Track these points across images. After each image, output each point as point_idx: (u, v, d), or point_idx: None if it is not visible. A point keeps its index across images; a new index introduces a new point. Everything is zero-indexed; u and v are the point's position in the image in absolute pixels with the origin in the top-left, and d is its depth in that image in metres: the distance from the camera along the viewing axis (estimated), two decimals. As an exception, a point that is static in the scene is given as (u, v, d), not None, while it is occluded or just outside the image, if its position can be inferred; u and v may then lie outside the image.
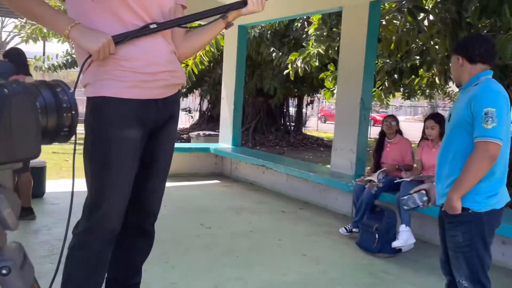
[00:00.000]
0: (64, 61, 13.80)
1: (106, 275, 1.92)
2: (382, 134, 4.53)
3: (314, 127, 20.72)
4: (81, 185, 1.74)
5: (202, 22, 2.81)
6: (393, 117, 4.52)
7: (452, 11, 4.88)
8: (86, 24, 1.53)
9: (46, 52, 16.15)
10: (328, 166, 6.00)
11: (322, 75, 7.50)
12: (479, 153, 1.98)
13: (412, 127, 13.89)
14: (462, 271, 2.08)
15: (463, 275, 2.07)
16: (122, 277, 2.00)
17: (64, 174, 6.68)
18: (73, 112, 0.65)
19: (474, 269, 2.05)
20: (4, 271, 0.64)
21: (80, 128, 1.16)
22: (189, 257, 3.51)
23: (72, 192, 1.45)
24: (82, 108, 1.73)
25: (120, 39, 1.52)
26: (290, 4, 5.99)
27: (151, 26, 1.57)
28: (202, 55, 8.55)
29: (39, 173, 5.07)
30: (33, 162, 5.13)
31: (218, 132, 7.97)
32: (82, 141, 1.74)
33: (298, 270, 3.38)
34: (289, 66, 8.36)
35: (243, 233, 4.25)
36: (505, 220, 3.42)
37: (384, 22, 5.90)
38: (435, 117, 4.00)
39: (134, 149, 1.71)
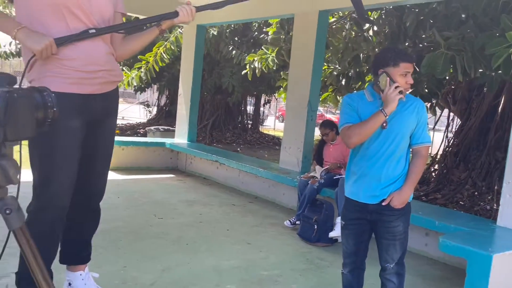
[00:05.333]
0: (18, 49, 13.52)
1: (59, 248, 2.16)
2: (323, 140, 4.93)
3: (272, 125, 21.15)
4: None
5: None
6: (326, 125, 4.84)
7: (392, 24, 5.33)
8: (37, 26, 1.76)
9: (-3, 39, 15.72)
10: (274, 163, 6.35)
11: (279, 82, 7.87)
12: (426, 155, 2.37)
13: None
14: (395, 256, 2.37)
15: (395, 259, 2.38)
16: (74, 250, 2.25)
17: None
18: (55, 109, 0.92)
19: (404, 251, 2.41)
20: (7, 211, 0.91)
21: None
22: (141, 244, 3.73)
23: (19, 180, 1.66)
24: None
25: (62, 41, 1.75)
26: (248, 8, 6.26)
27: (90, 31, 1.82)
28: (163, 53, 8.71)
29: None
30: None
31: (175, 127, 8.16)
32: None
33: (241, 256, 3.68)
34: (247, 67, 8.67)
35: (193, 223, 4.50)
36: (428, 214, 3.88)
37: (332, 30, 6.31)
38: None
39: (75, 137, 1.98)
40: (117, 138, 7.30)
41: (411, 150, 2.40)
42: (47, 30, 1.76)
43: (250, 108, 17.03)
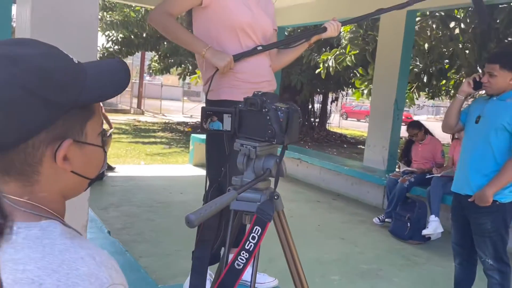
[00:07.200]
0: (101, 55, 14.46)
1: None
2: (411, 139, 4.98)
3: (337, 123, 21.06)
4: (133, 170, 2.21)
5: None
6: (414, 126, 4.90)
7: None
8: (214, 45, 2.03)
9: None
10: (354, 161, 6.45)
11: (357, 82, 7.92)
12: None
13: (434, 127, 14.10)
14: (488, 252, 2.49)
15: (489, 255, 2.49)
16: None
17: (116, 161, 7.27)
18: (301, 119, 1.16)
19: (499, 249, 2.48)
20: (276, 197, 1.16)
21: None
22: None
23: (206, 178, 1.91)
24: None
25: (237, 58, 2.02)
26: (333, 9, 6.40)
27: (258, 48, 2.07)
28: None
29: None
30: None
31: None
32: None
33: (338, 250, 3.86)
34: (321, 65, 8.78)
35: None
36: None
37: (417, 29, 6.29)
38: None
39: None
40: (197, 135, 7.72)
41: None
42: (223, 47, 2.03)
43: (316, 106, 17.09)
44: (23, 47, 0.65)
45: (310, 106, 15.82)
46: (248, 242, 1.08)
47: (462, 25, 5.71)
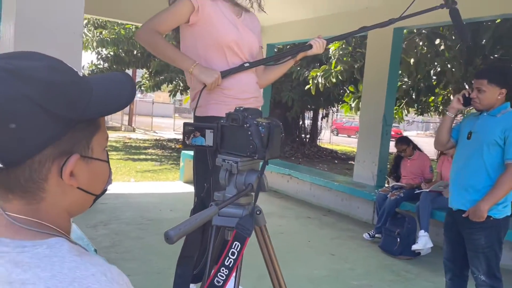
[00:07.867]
0: (90, 72, 14.47)
1: None
2: (400, 155, 5.02)
3: (327, 139, 21.15)
4: (123, 187, 2.20)
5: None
6: (402, 141, 4.96)
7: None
8: (203, 62, 2.05)
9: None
10: (344, 177, 6.46)
11: (347, 99, 8.00)
12: None
13: (424, 143, 14.19)
14: (481, 268, 2.48)
15: (482, 271, 2.48)
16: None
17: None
18: (283, 134, 1.17)
19: (492, 265, 2.48)
20: (258, 212, 1.16)
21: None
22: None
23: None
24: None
25: (224, 74, 2.04)
26: (321, 27, 6.49)
27: (245, 65, 2.09)
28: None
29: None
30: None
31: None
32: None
33: (328, 266, 3.84)
34: (310, 82, 8.86)
35: (275, 234, 4.70)
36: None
37: (404, 46, 6.39)
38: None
39: None
40: (188, 152, 7.71)
41: None
42: (210, 64, 2.05)
43: (307, 122, 17.18)
44: (26, 60, 0.63)
45: (301, 122, 15.91)
46: (227, 258, 1.08)
47: (448, 42, 5.82)
